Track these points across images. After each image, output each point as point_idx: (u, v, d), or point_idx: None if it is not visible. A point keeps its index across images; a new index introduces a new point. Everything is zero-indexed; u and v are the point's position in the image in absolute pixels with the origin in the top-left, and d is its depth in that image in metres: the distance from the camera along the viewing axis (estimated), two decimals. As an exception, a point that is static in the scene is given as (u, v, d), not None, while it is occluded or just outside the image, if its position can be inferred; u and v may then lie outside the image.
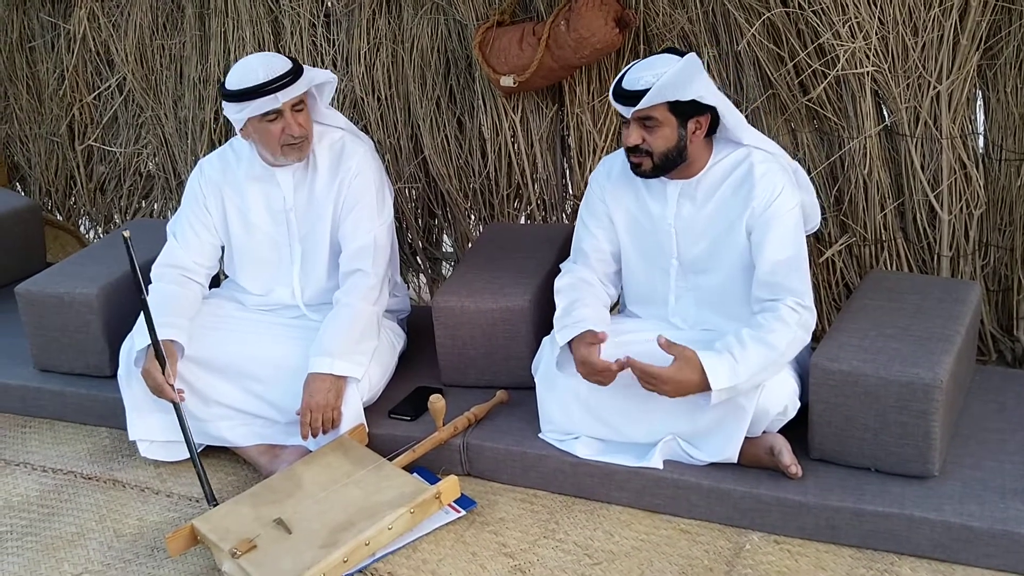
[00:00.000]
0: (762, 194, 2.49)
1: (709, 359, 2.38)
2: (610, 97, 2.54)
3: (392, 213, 3.03)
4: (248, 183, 2.97)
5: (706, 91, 2.46)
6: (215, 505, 2.57)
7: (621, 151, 2.65)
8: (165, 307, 2.82)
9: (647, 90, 2.42)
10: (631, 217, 2.69)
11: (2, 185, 4.64)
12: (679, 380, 2.39)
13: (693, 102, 2.45)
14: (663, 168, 2.53)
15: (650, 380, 2.42)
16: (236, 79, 2.78)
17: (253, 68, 2.77)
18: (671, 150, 2.50)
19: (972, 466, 2.45)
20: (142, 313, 2.68)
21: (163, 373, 2.69)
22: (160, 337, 2.70)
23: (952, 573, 2.27)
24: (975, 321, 2.73)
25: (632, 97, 2.45)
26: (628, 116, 2.50)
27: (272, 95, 2.74)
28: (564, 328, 2.59)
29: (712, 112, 2.51)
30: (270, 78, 2.74)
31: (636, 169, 2.56)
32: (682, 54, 2.50)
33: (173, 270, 2.94)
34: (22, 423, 3.27)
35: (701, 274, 2.64)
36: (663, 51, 2.57)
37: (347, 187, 2.92)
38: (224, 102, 2.82)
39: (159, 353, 2.69)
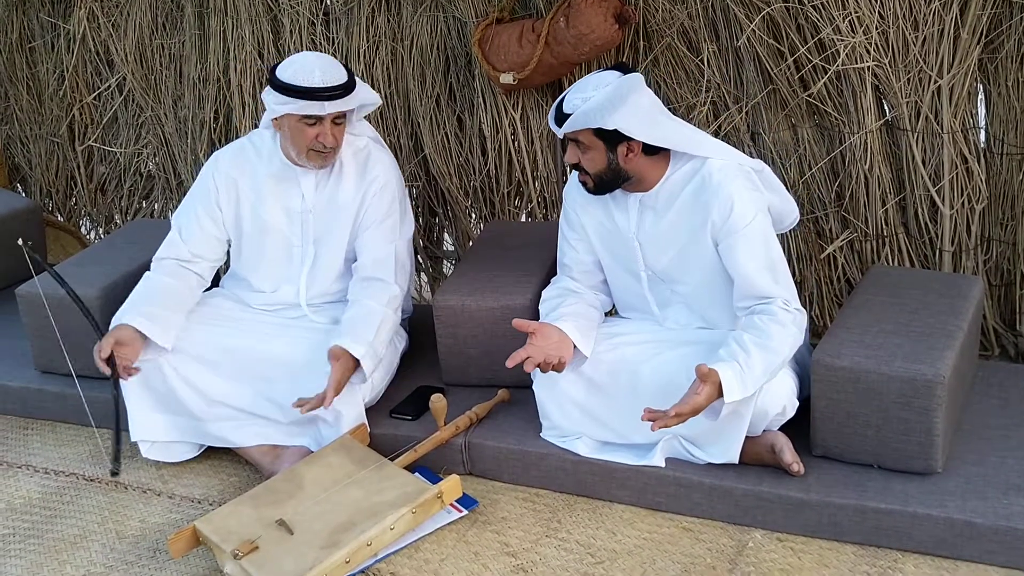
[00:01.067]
0: (719, 206, 2.46)
1: (724, 373, 2.32)
2: (549, 117, 2.54)
3: (412, 228, 3.03)
4: (266, 179, 2.95)
5: (629, 121, 2.42)
6: (115, 474, 2.61)
7: None
8: (144, 296, 2.84)
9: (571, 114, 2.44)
10: (602, 228, 2.69)
11: (3, 186, 4.63)
12: (705, 403, 2.32)
13: (616, 131, 2.43)
14: (604, 187, 2.55)
15: (686, 416, 2.33)
16: (291, 73, 2.74)
17: (311, 69, 2.74)
18: (603, 171, 2.51)
19: (975, 462, 2.44)
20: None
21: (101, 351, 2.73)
22: (126, 321, 2.75)
23: (955, 569, 2.26)
24: (977, 316, 2.72)
25: (562, 118, 2.47)
26: (560, 136, 2.52)
27: (321, 102, 2.73)
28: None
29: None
30: (326, 85, 2.72)
31: (584, 186, 2.58)
32: (625, 72, 2.47)
33: (171, 261, 2.94)
34: (24, 425, 3.27)
35: (674, 283, 2.63)
36: (612, 67, 2.54)
37: (372, 196, 2.91)
38: (270, 88, 2.78)
39: (97, 328, 2.78)
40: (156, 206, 4.49)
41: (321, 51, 3.77)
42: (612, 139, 2.46)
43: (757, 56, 3.10)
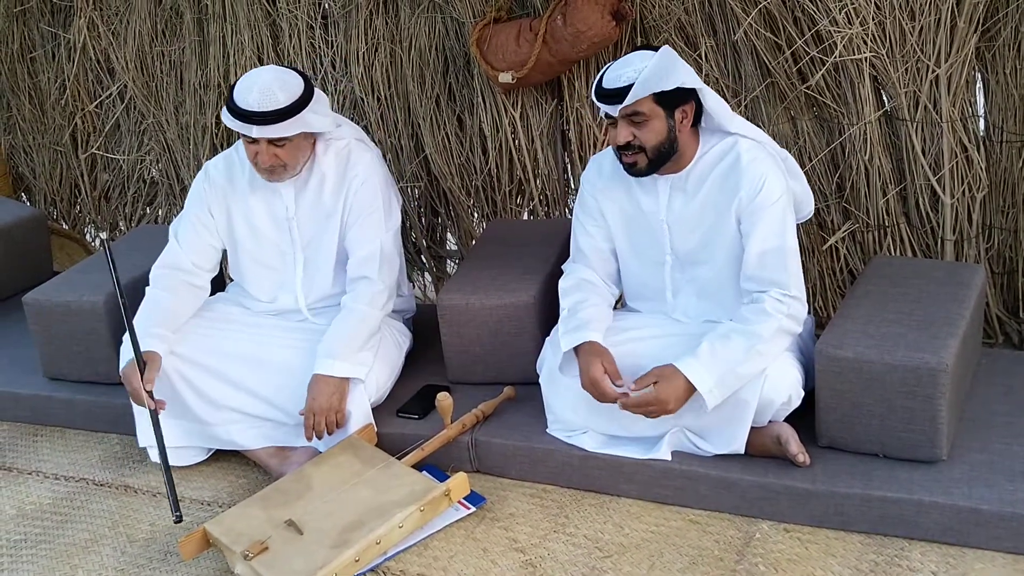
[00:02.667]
0: (749, 184, 2.49)
1: (687, 365, 2.39)
2: (593, 99, 2.53)
3: (400, 220, 3.02)
4: (252, 189, 2.97)
5: (687, 76, 2.48)
6: (179, 520, 2.51)
7: (609, 149, 2.65)
8: (154, 316, 2.84)
9: (630, 86, 2.42)
10: (624, 214, 2.69)
11: (7, 195, 4.65)
12: (668, 396, 2.40)
13: (677, 90, 2.45)
14: (657, 163, 2.53)
15: (648, 407, 2.42)
16: (237, 90, 2.74)
17: (250, 89, 2.70)
18: (663, 143, 2.50)
19: (980, 449, 2.45)
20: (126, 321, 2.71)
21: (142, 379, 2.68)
22: (146, 348, 2.72)
23: (962, 556, 2.27)
24: (980, 304, 2.73)
25: (616, 95, 2.45)
26: (615, 115, 2.48)
27: (250, 126, 2.71)
28: (568, 333, 2.59)
29: (696, 101, 2.51)
30: (259, 109, 2.68)
31: (631, 169, 2.55)
32: (655, 50, 2.50)
33: (171, 272, 2.94)
34: (33, 432, 3.29)
35: (696, 266, 2.64)
36: (634, 50, 2.57)
37: (354, 194, 2.91)
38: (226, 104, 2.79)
39: (139, 360, 2.69)
40: (160, 212, 4.51)
41: (320, 55, 3.78)
42: (671, 103, 2.47)
43: (755, 49, 3.11)
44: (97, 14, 4.21)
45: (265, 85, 2.71)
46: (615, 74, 2.46)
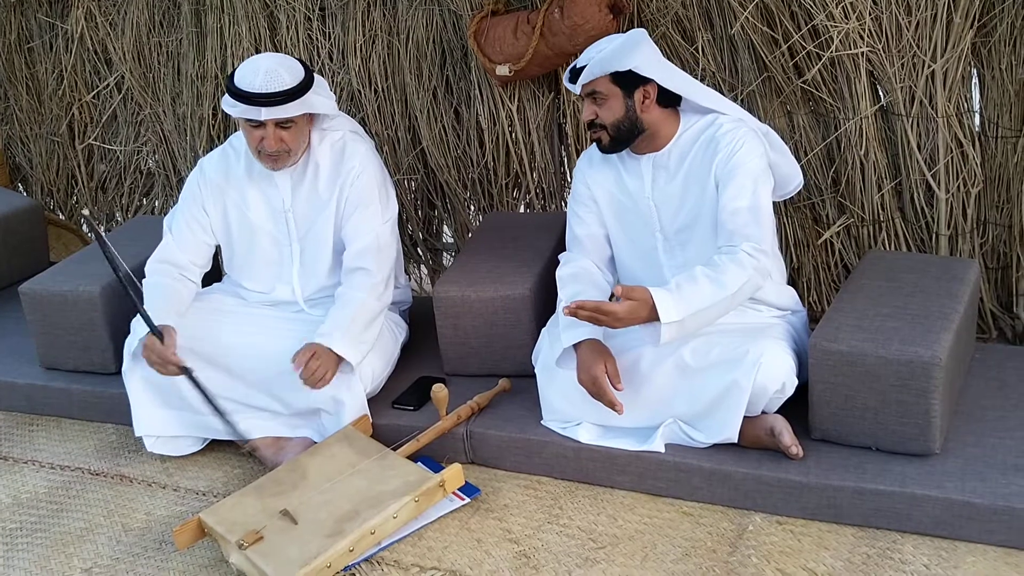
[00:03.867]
0: (725, 147, 2.55)
1: (659, 295, 2.39)
2: (564, 80, 2.66)
3: (395, 212, 3.03)
4: (247, 181, 2.97)
5: (643, 62, 2.54)
6: (245, 443, 2.67)
7: None
8: (162, 297, 2.85)
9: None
10: (613, 198, 2.74)
11: (4, 185, 4.65)
12: (626, 316, 2.38)
13: (632, 72, 2.52)
14: (620, 140, 2.61)
15: (601, 316, 2.40)
16: (239, 75, 2.75)
17: (255, 72, 2.73)
18: (621, 121, 2.58)
19: (973, 443, 2.46)
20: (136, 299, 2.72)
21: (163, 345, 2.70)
22: (159, 323, 2.73)
23: (955, 550, 2.28)
24: (974, 299, 2.74)
25: (577, 73, 2.57)
26: (578, 92, 2.61)
27: (258, 107, 2.72)
28: (569, 328, 2.59)
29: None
30: (264, 91, 2.71)
31: (598, 145, 2.65)
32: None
33: (167, 266, 2.95)
34: (29, 421, 3.29)
35: (687, 246, 2.66)
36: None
37: (350, 186, 2.92)
38: (226, 92, 2.80)
39: (155, 330, 2.70)
40: (157, 203, 4.51)
41: (318, 46, 3.78)
42: (629, 84, 2.55)
43: (751, 44, 3.12)
44: (95, 4, 4.21)
45: (270, 67, 2.74)
46: (585, 54, 2.60)
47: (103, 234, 2.64)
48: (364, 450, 2.66)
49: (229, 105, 2.77)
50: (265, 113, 2.72)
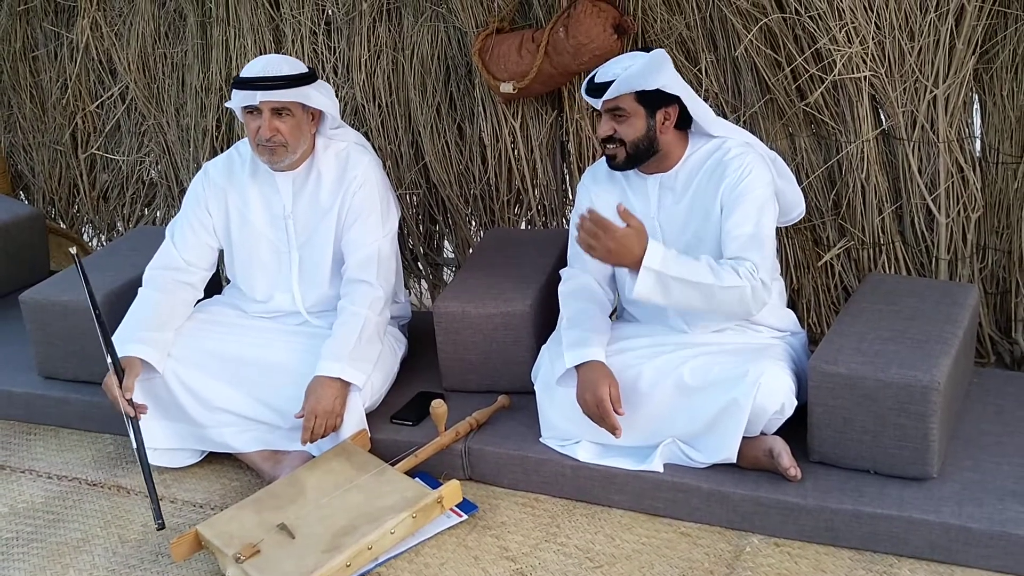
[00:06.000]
0: (733, 172, 2.56)
1: (654, 242, 2.39)
2: (582, 92, 2.66)
3: (396, 225, 3.04)
4: (250, 186, 2.99)
5: (671, 82, 2.55)
6: (161, 528, 2.54)
7: (604, 159, 2.71)
8: (141, 320, 2.86)
9: (613, 81, 2.54)
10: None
11: (6, 194, 4.66)
12: (624, 243, 2.37)
13: (659, 92, 2.54)
14: (636, 158, 2.62)
15: (598, 230, 2.37)
16: (244, 69, 2.85)
17: (258, 62, 2.84)
18: (641, 139, 2.59)
19: (971, 468, 2.46)
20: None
21: (121, 387, 2.69)
22: (126, 353, 2.74)
23: (951, 574, 2.28)
24: (973, 324, 2.75)
25: (601, 89, 2.57)
26: (598, 107, 2.61)
27: (254, 91, 2.77)
28: (572, 349, 2.59)
29: (680, 104, 2.59)
30: (263, 75, 2.78)
31: (612, 161, 2.65)
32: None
33: (165, 272, 2.96)
34: (27, 430, 3.29)
35: None
36: (639, 50, 2.66)
37: (352, 196, 2.93)
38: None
39: (116, 368, 2.70)
40: (158, 214, 4.52)
41: (323, 61, 3.80)
42: (653, 104, 2.56)
43: (755, 66, 3.13)
44: (100, 15, 4.22)
45: (272, 59, 2.88)
46: (605, 69, 2.60)
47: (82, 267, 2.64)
48: (362, 465, 2.66)
49: (232, 97, 2.83)
50: (260, 96, 2.77)
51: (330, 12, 3.80)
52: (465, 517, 2.61)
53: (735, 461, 2.51)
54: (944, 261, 3.09)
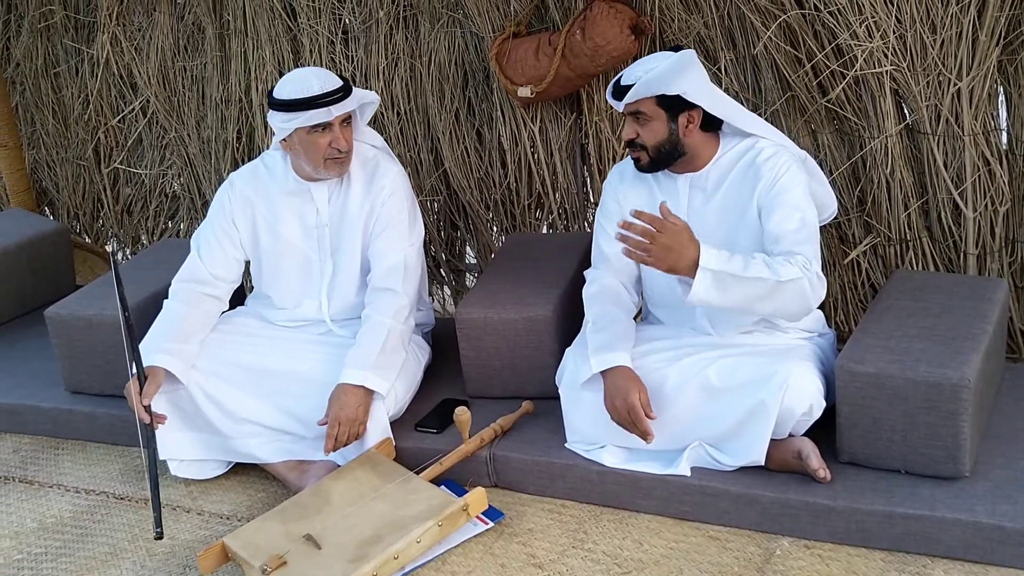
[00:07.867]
0: (768, 173, 2.53)
1: (707, 247, 2.32)
2: (607, 94, 2.63)
3: (422, 235, 3.04)
4: (281, 197, 2.98)
5: (692, 87, 2.51)
6: (159, 537, 2.57)
7: (630, 158, 2.68)
8: (166, 331, 2.86)
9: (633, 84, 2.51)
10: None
11: (31, 210, 4.68)
12: (682, 241, 2.29)
13: (679, 97, 2.49)
14: (659, 162, 2.59)
15: (653, 229, 2.29)
16: (289, 89, 2.80)
17: (308, 80, 2.80)
18: (663, 143, 2.56)
19: (1003, 465, 2.42)
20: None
21: (141, 394, 2.69)
22: (150, 363, 2.74)
23: (985, 574, 2.25)
24: (1003, 319, 2.71)
25: (623, 91, 2.54)
26: (620, 110, 2.58)
27: (325, 108, 2.77)
28: (598, 353, 2.57)
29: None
30: (325, 91, 2.78)
31: (636, 164, 2.63)
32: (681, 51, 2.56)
33: (191, 285, 2.96)
34: (55, 445, 3.30)
35: None
36: (669, 49, 2.63)
37: (380, 206, 2.93)
38: (272, 111, 2.83)
39: (140, 375, 2.70)
40: (182, 226, 4.54)
41: (341, 69, 3.80)
42: (674, 108, 2.52)
43: (774, 63, 3.10)
44: (120, 30, 4.25)
45: (317, 73, 2.85)
46: (630, 71, 2.56)
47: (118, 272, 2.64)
48: (387, 474, 2.65)
49: (285, 120, 2.80)
50: (335, 111, 2.79)
51: (347, 21, 3.80)
52: (491, 524, 2.60)
53: (763, 464, 2.48)
54: (972, 256, 3.05)
